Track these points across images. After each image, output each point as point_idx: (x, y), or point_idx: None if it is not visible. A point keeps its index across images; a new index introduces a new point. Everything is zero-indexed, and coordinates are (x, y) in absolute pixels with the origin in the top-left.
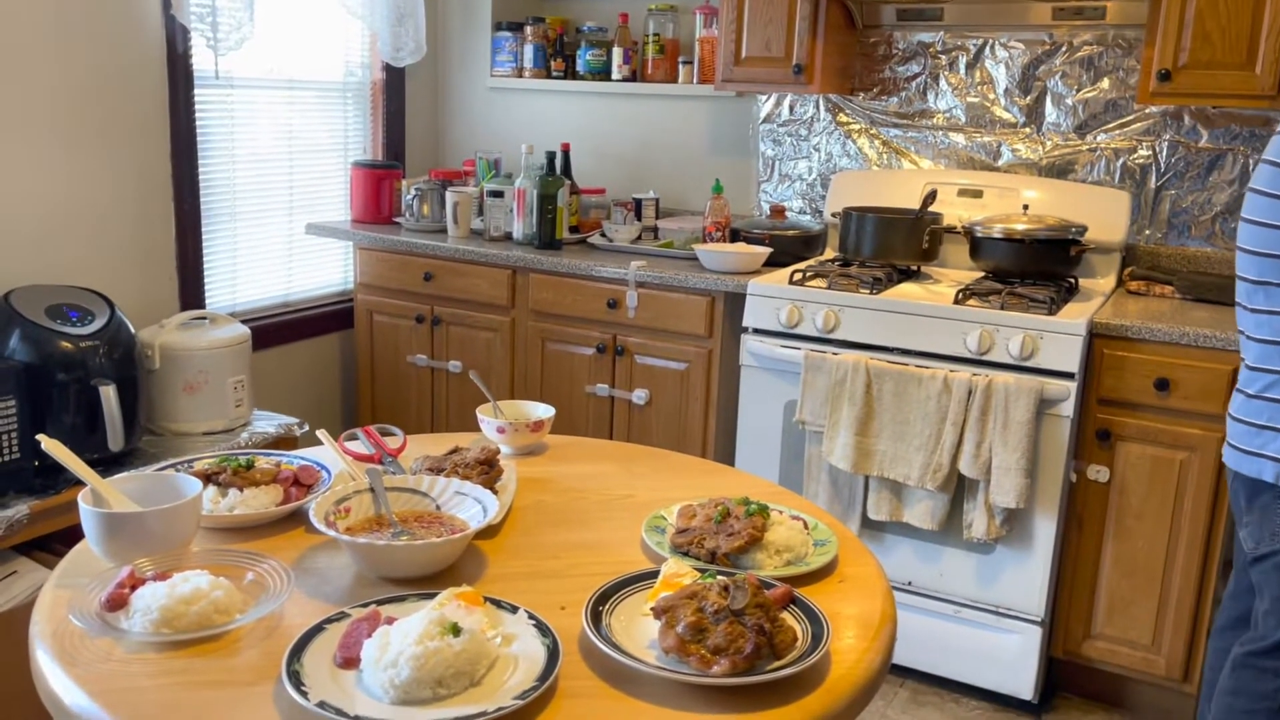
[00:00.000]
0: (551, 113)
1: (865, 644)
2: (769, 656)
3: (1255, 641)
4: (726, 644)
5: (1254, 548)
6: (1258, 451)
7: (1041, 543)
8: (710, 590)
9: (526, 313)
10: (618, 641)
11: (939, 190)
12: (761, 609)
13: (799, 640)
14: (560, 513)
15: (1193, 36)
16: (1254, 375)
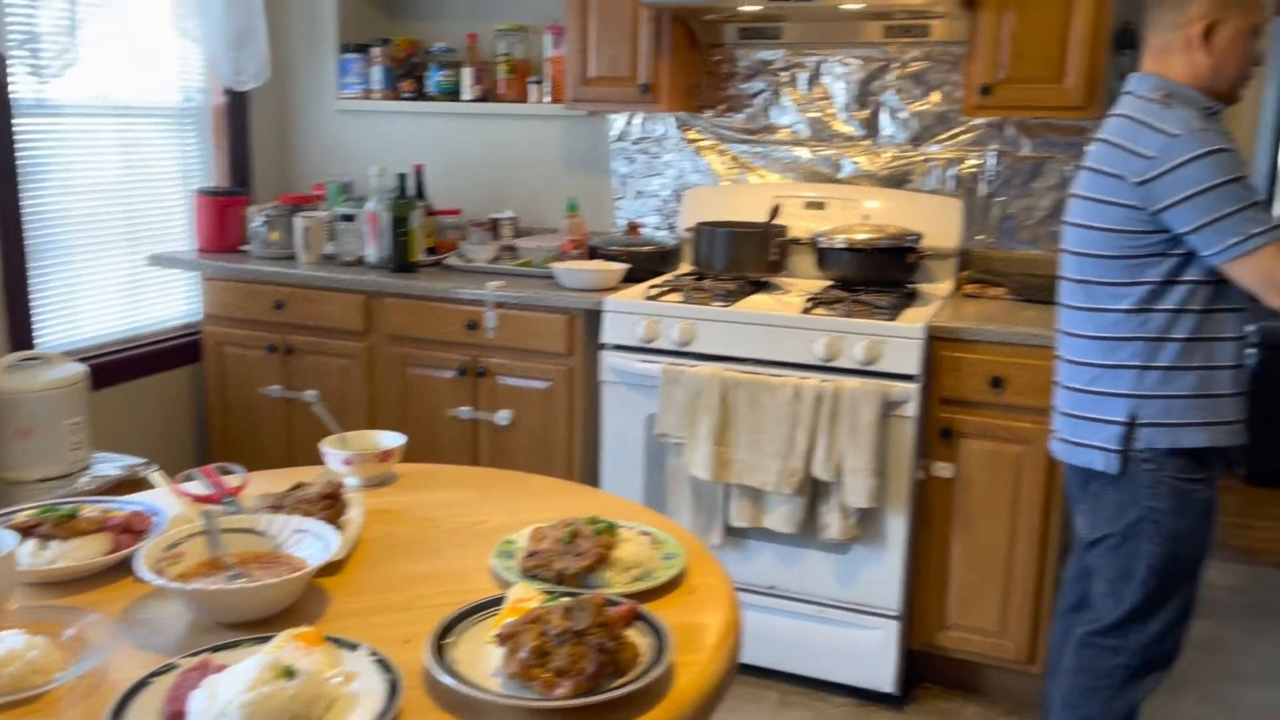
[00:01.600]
0: (403, 134)
1: (709, 654)
2: (612, 675)
3: (1095, 622)
4: (569, 665)
5: (1089, 533)
6: (1086, 442)
7: (894, 540)
8: (553, 613)
9: (383, 338)
10: (461, 671)
11: (786, 203)
12: (604, 628)
13: (642, 656)
14: (409, 544)
15: (1009, 53)
16: (1078, 370)
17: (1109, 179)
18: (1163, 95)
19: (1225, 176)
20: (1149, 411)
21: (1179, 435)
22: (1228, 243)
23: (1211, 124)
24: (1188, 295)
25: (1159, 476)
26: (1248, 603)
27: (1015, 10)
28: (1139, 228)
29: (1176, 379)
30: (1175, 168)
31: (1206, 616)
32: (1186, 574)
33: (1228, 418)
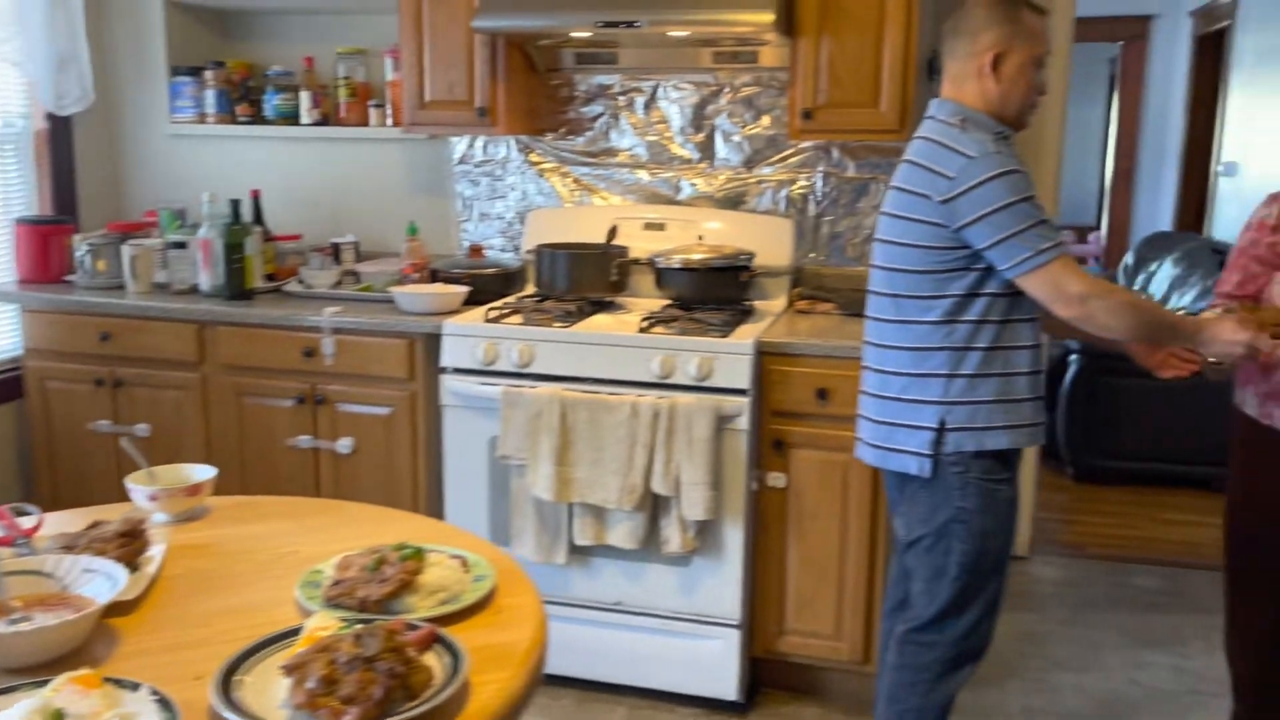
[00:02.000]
0: (240, 159)
1: (508, 673)
2: (403, 699)
3: (913, 620)
4: (358, 692)
5: (906, 535)
6: (900, 448)
7: (732, 550)
8: (343, 641)
9: (217, 368)
10: (248, 705)
11: (627, 224)
12: (395, 653)
13: (436, 678)
14: (214, 578)
15: (828, 80)
16: (888, 379)
17: (915, 198)
18: (960, 120)
19: (1016, 196)
20: (956, 417)
21: (984, 438)
22: (1020, 257)
23: (1004, 147)
24: (988, 307)
25: (966, 478)
26: (1071, 595)
27: (831, 39)
28: (943, 244)
29: (980, 385)
30: (973, 187)
31: (1031, 610)
32: (994, 568)
33: (1027, 420)
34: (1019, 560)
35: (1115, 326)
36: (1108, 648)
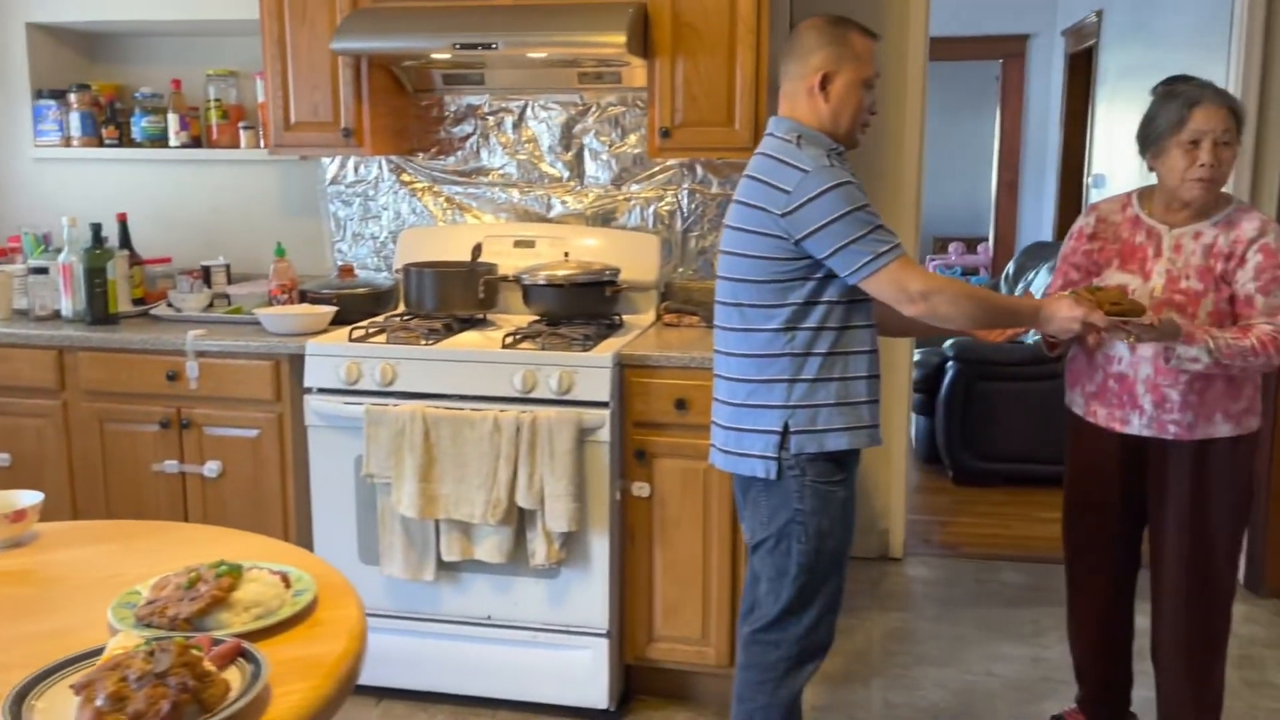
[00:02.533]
0: (108, 182)
1: (313, 683)
2: (197, 712)
3: (758, 620)
4: (147, 708)
5: (750, 537)
6: (747, 453)
7: (599, 560)
8: (135, 658)
9: (79, 394)
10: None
11: (497, 242)
12: (188, 667)
13: (231, 691)
14: (30, 603)
15: (684, 99)
16: (735, 386)
17: (756, 211)
18: (795, 136)
19: (852, 205)
20: (797, 420)
21: (824, 439)
22: (861, 262)
23: (837, 162)
24: (826, 314)
25: (803, 481)
26: (940, 593)
27: (686, 60)
28: (784, 255)
29: (820, 389)
30: (810, 200)
31: (901, 609)
32: (831, 568)
33: (865, 422)
34: (893, 562)
35: (958, 316)
36: (970, 642)
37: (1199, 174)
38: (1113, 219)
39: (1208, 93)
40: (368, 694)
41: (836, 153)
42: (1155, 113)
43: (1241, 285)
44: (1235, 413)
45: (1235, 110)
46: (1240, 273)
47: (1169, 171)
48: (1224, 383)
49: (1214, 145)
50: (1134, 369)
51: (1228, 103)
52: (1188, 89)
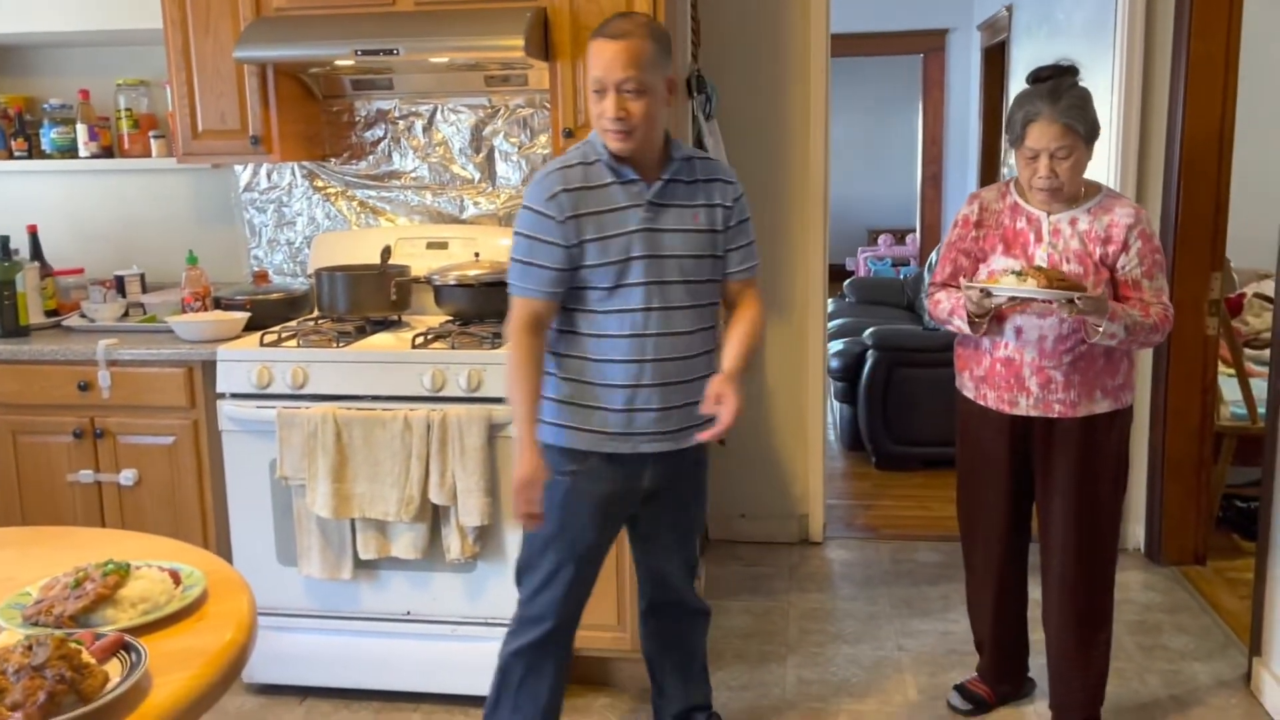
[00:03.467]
0: (18, 194)
1: (192, 673)
2: (75, 703)
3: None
4: (24, 699)
5: None
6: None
7: (513, 553)
8: (13, 652)
9: None
10: None
11: (410, 244)
12: (65, 659)
13: (109, 681)
14: None
15: (585, 100)
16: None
17: None
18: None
19: (520, 228)
20: (542, 413)
21: (545, 431)
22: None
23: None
24: (562, 317)
25: (547, 463)
26: (857, 574)
27: (584, 61)
28: None
29: (549, 384)
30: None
31: (819, 590)
32: (542, 551)
33: (595, 427)
34: (813, 545)
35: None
36: (883, 619)
37: (1039, 184)
38: (994, 207)
39: (1044, 108)
40: (291, 693)
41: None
42: (1011, 114)
43: (1127, 270)
44: (1113, 389)
45: (1071, 125)
46: (1123, 258)
47: (1020, 174)
48: (1104, 361)
49: (1050, 159)
50: (1020, 354)
51: (1061, 118)
52: (1029, 104)
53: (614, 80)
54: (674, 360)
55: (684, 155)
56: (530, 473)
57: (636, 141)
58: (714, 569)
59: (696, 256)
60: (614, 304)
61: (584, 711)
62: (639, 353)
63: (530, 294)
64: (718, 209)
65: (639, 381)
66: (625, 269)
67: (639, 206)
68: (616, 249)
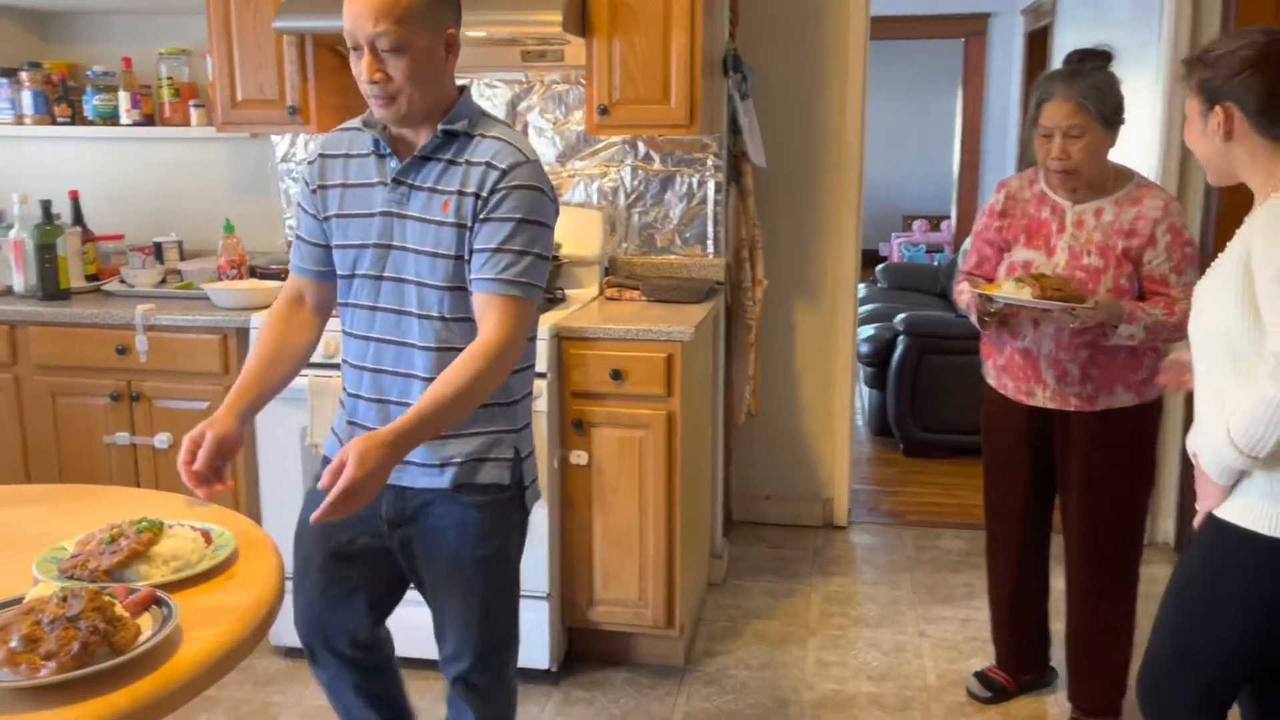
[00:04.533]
0: (61, 160)
1: (222, 629)
2: (107, 654)
3: None
4: (58, 648)
5: None
6: None
7: (539, 526)
8: (48, 603)
9: (31, 368)
10: None
11: None
12: (99, 611)
13: (141, 634)
14: None
15: (621, 77)
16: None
17: None
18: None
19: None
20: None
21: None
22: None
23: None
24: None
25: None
26: (880, 559)
27: (622, 39)
28: None
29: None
30: None
31: (842, 574)
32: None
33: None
34: (837, 530)
35: None
36: (905, 605)
37: (1053, 165)
38: (1021, 195)
39: (1058, 87)
40: None
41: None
42: (1031, 95)
43: (1155, 265)
44: (1135, 383)
45: (1083, 104)
46: (1150, 253)
47: (1038, 155)
48: (1126, 354)
49: (1063, 139)
50: (1037, 345)
51: (1075, 97)
52: (1047, 84)
53: (365, 35)
54: (395, 376)
55: (455, 128)
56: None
57: (403, 109)
58: (737, 549)
59: (433, 254)
60: (349, 296)
61: (604, 685)
62: (361, 358)
63: (292, 268)
64: (469, 198)
65: (359, 392)
66: (359, 257)
67: (383, 185)
68: (355, 232)
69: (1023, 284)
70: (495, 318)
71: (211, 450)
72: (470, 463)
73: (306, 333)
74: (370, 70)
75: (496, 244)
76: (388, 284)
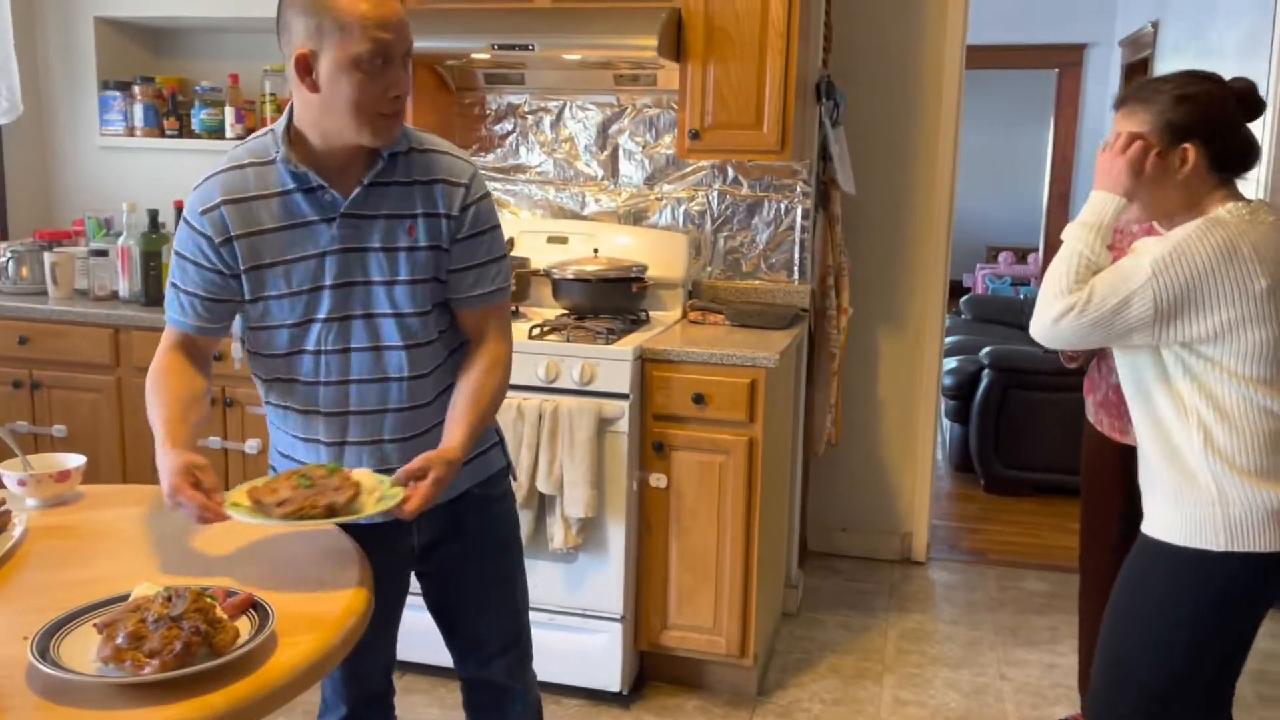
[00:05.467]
0: (167, 170)
1: (316, 636)
2: (206, 655)
3: None
4: (161, 646)
5: None
6: None
7: (615, 547)
8: (154, 603)
9: (132, 370)
10: (61, 658)
11: (531, 238)
12: (201, 613)
13: (239, 638)
14: (69, 555)
15: (713, 101)
16: None
17: None
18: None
19: (176, 244)
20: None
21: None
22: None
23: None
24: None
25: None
26: (960, 597)
27: (717, 64)
28: None
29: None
30: None
31: (920, 611)
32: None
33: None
34: (915, 565)
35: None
36: (986, 646)
37: None
38: (1128, 229)
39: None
40: None
41: (261, 164)
42: None
43: None
44: None
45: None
46: None
47: None
48: None
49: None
50: None
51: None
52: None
53: (404, 48)
54: (383, 414)
55: (398, 149)
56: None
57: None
58: (812, 580)
59: (411, 282)
60: (306, 344)
61: (675, 712)
62: (340, 404)
63: (170, 321)
64: (440, 220)
65: (343, 439)
66: (312, 301)
67: (325, 222)
68: (299, 277)
69: None
70: (497, 326)
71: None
72: (479, 456)
73: (204, 382)
74: (403, 84)
75: (481, 259)
76: (358, 322)
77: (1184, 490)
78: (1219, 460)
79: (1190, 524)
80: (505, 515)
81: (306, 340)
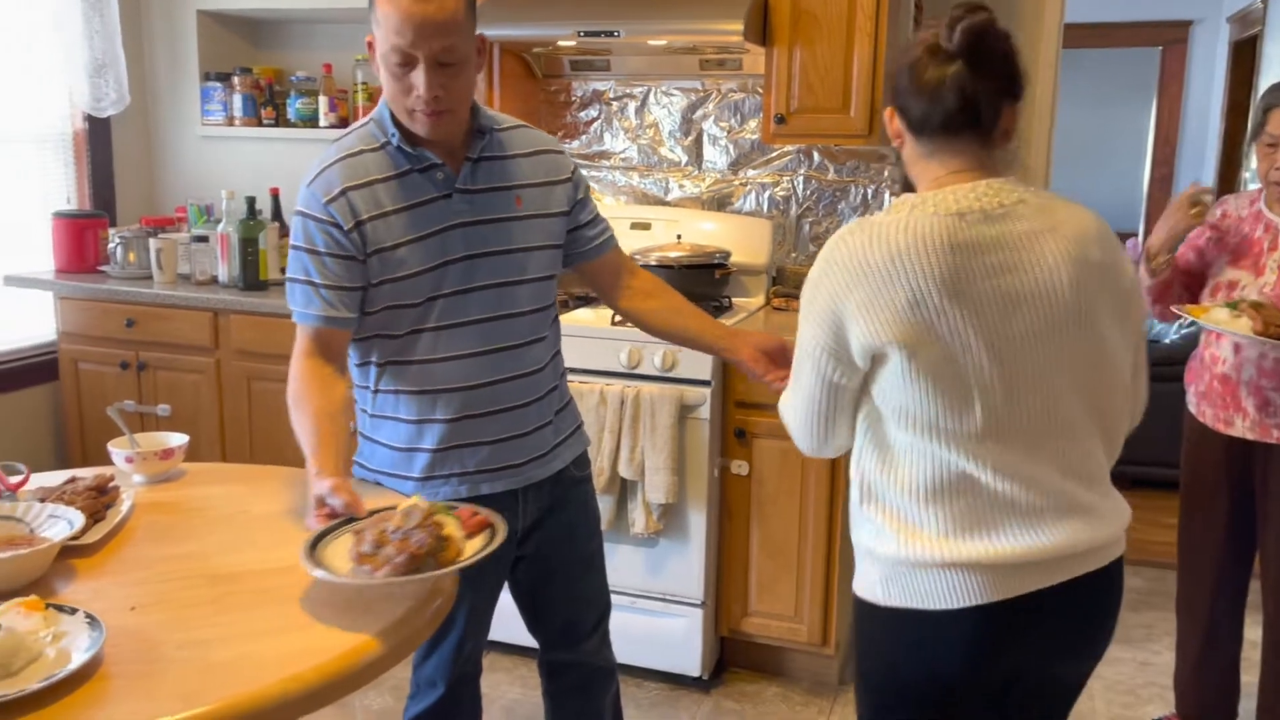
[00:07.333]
0: (264, 159)
1: (404, 610)
2: (432, 566)
3: None
4: (396, 553)
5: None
6: None
7: (696, 533)
8: (394, 516)
9: (230, 353)
10: (325, 560)
11: (615, 224)
12: (431, 529)
13: (462, 554)
14: (170, 529)
15: (800, 86)
16: None
17: None
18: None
19: (295, 241)
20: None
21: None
22: (293, 309)
23: (342, 167)
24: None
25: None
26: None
27: (804, 47)
28: None
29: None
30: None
31: None
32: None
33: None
34: None
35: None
36: None
37: (1275, 176)
38: (1239, 213)
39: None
40: None
41: (378, 146)
42: (1257, 104)
43: None
44: None
45: None
46: None
47: (1259, 169)
48: None
49: None
50: (1237, 371)
51: None
52: (1277, 92)
53: (428, 51)
54: (515, 380)
55: (497, 125)
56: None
57: (453, 121)
58: None
59: (542, 248)
60: (431, 320)
61: (755, 698)
62: (476, 376)
63: (316, 320)
64: (560, 185)
65: (467, 412)
66: (439, 277)
67: (444, 198)
68: (423, 254)
69: (1238, 313)
70: (629, 259)
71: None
72: (573, 434)
73: (343, 386)
74: (433, 85)
75: (594, 212)
76: (485, 293)
77: None
78: None
79: None
80: (594, 496)
81: (429, 317)
